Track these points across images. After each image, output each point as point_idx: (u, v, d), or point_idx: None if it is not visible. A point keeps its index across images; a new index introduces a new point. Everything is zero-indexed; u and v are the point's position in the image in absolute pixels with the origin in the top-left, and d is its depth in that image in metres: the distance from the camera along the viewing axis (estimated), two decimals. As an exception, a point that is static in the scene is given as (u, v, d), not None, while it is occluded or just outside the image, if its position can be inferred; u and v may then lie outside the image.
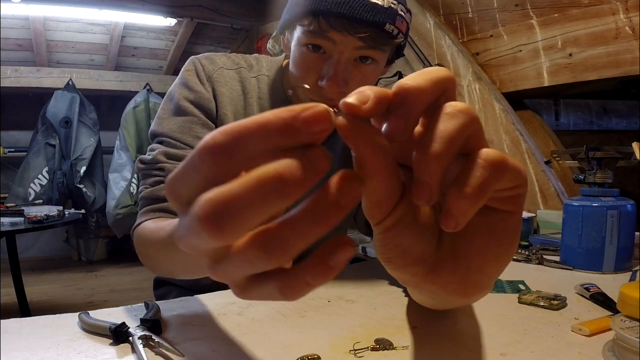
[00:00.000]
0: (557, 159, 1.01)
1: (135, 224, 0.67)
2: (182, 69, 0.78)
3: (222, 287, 0.73)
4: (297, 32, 0.68)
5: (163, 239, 0.51)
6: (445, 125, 0.24)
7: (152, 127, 0.74)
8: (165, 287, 0.91)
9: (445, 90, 0.25)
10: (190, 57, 0.79)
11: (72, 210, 2.70)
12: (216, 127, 0.73)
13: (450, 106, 0.25)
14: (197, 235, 0.20)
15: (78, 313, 0.58)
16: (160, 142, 0.71)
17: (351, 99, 0.23)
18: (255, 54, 0.86)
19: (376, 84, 0.85)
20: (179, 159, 0.68)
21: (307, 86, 0.69)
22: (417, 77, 0.24)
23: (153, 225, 0.61)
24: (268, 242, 0.20)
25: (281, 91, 0.80)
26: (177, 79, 0.78)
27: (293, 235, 0.20)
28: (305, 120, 0.20)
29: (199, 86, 0.75)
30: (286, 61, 0.80)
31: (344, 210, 0.20)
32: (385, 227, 0.27)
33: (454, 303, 0.40)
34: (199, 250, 0.21)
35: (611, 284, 0.73)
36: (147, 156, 0.70)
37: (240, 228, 0.19)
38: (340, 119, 0.23)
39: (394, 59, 0.75)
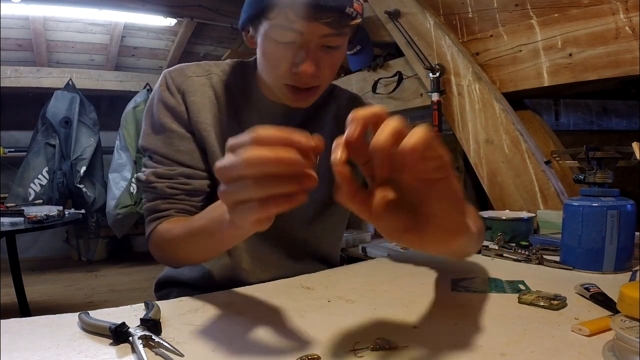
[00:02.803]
0: (557, 159, 1.01)
1: (149, 231, 0.77)
2: (156, 84, 0.83)
3: (223, 286, 0.74)
4: (264, 26, 0.70)
5: (200, 225, 0.64)
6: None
7: (140, 140, 0.83)
8: (167, 289, 0.92)
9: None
10: (163, 72, 0.83)
11: (72, 210, 2.70)
12: (193, 134, 0.80)
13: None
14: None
15: (78, 313, 0.58)
16: (150, 157, 0.80)
17: (336, 156, 0.39)
18: (228, 60, 0.88)
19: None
20: (165, 177, 0.78)
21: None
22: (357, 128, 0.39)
23: (180, 223, 0.72)
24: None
25: (254, 90, 0.83)
26: (153, 94, 0.83)
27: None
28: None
29: (172, 100, 0.80)
30: (254, 58, 0.83)
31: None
32: (373, 218, 0.41)
33: (450, 250, 0.54)
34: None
35: (611, 284, 0.73)
36: (142, 174, 0.79)
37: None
38: (337, 168, 0.39)
39: (354, 38, 0.78)
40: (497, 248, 1.00)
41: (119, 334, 0.51)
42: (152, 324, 0.53)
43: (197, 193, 0.79)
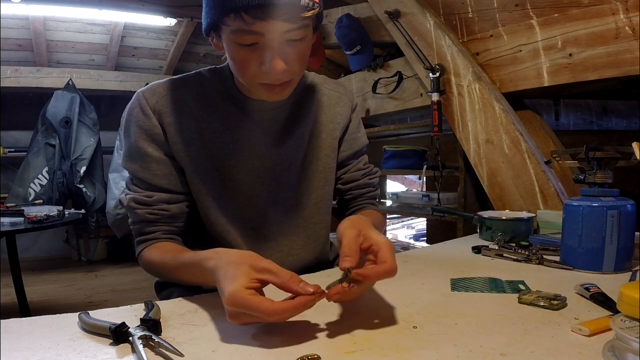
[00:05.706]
0: (557, 159, 1.01)
1: (138, 251, 0.82)
2: (129, 106, 0.82)
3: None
4: (225, 32, 0.70)
5: (177, 265, 0.73)
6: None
7: (122, 160, 0.83)
8: (168, 290, 0.92)
9: None
10: (136, 92, 0.82)
11: (72, 210, 2.69)
12: (172, 156, 0.81)
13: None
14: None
15: (78, 313, 0.59)
16: (131, 180, 0.83)
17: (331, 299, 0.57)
18: (202, 69, 0.87)
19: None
20: (145, 204, 0.80)
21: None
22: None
23: (166, 254, 0.77)
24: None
25: (235, 92, 0.82)
26: (127, 115, 0.81)
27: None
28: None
29: (147, 122, 0.79)
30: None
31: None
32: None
33: None
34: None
35: (611, 284, 0.73)
36: (124, 198, 0.82)
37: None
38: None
39: (318, 25, 0.78)
40: (497, 248, 1.00)
41: (119, 334, 0.51)
42: (152, 324, 0.53)
43: (177, 217, 0.83)
